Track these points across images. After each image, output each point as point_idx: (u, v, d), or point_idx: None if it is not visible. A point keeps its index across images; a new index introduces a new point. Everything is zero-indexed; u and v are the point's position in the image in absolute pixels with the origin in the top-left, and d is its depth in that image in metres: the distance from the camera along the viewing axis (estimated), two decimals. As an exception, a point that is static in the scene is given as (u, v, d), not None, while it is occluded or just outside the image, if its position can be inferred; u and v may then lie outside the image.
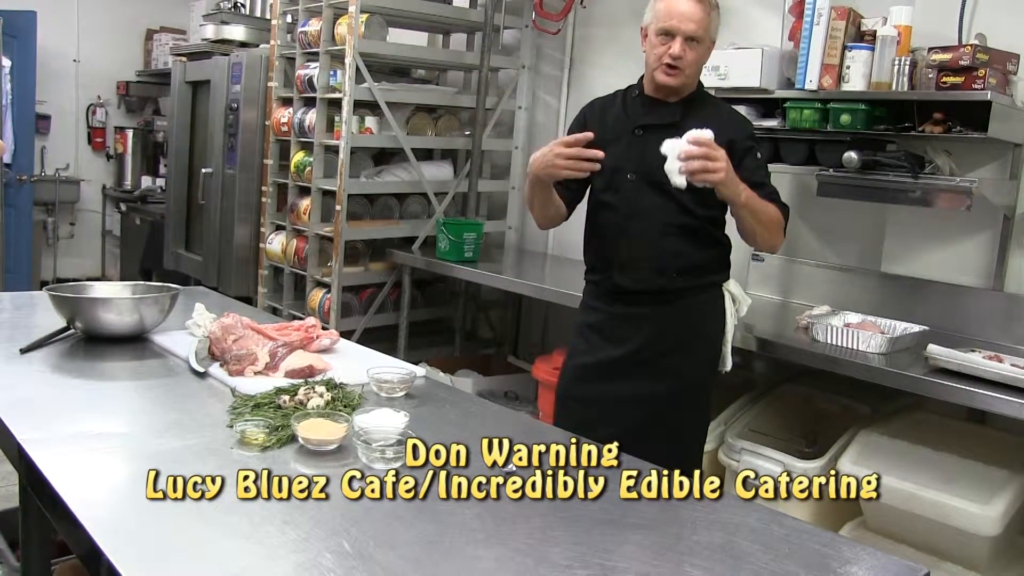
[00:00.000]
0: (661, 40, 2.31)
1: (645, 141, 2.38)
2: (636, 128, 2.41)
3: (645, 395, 2.41)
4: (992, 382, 2.27)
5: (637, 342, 2.42)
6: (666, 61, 2.30)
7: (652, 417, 2.40)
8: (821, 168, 2.96)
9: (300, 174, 4.26)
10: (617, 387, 2.43)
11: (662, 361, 2.41)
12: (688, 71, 2.33)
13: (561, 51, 4.44)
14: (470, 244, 3.98)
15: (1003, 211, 2.85)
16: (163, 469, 1.37)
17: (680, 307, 2.39)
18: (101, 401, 1.84)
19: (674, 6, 2.29)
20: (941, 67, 2.65)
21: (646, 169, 2.36)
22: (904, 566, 1.34)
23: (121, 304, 2.23)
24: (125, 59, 7.09)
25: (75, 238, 7.08)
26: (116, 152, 7.08)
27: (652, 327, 2.41)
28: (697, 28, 2.28)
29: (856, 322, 2.77)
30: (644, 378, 2.42)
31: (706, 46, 2.35)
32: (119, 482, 1.46)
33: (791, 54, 3.02)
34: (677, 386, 2.42)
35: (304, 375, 1.95)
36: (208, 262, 5.09)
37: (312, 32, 4.16)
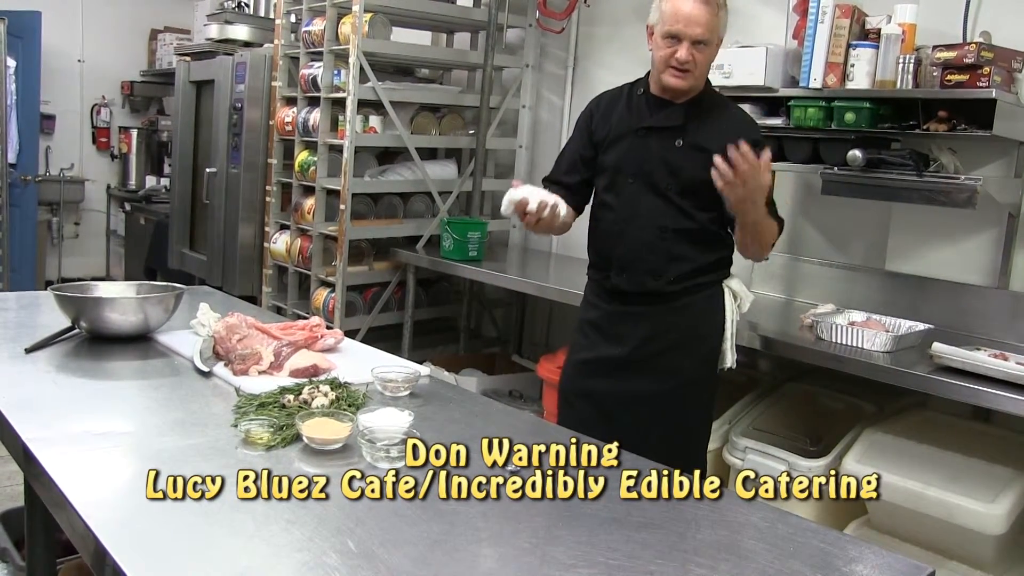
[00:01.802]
0: (668, 43, 2.27)
1: (646, 143, 2.37)
2: (639, 129, 2.39)
3: (645, 393, 2.41)
4: (997, 380, 2.26)
5: (635, 341, 2.42)
6: (673, 65, 2.27)
7: (653, 415, 2.40)
8: (825, 166, 2.95)
9: (304, 173, 4.27)
10: (618, 384, 2.44)
11: (661, 359, 2.41)
12: (697, 72, 2.30)
13: (565, 50, 4.44)
14: (474, 243, 3.98)
15: (1008, 209, 2.85)
16: (167, 469, 1.38)
17: (677, 307, 2.38)
18: (106, 401, 1.84)
19: (680, 8, 2.23)
20: (945, 65, 2.64)
21: (646, 172, 2.36)
22: (909, 564, 1.33)
23: (125, 304, 2.23)
24: (129, 59, 7.11)
25: (79, 238, 7.10)
26: (120, 152, 7.10)
27: (649, 326, 2.41)
28: (704, 31, 2.24)
29: (861, 320, 2.77)
30: (644, 376, 2.42)
31: (714, 48, 2.31)
32: (124, 481, 1.46)
33: (795, 52, 3.02)
34: (677, 384, 2.42)
35: (308, 374, 1.95)
36: (212, 262, 5.10)
37: (316, 31, 4.16)
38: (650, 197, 2.36)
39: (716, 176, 2.14)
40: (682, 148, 2.34)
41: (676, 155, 2.34)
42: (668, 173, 2.34)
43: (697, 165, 2.28)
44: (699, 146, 2.31)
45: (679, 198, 2.34)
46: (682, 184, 2.34)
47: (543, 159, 4.58)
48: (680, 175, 2.34)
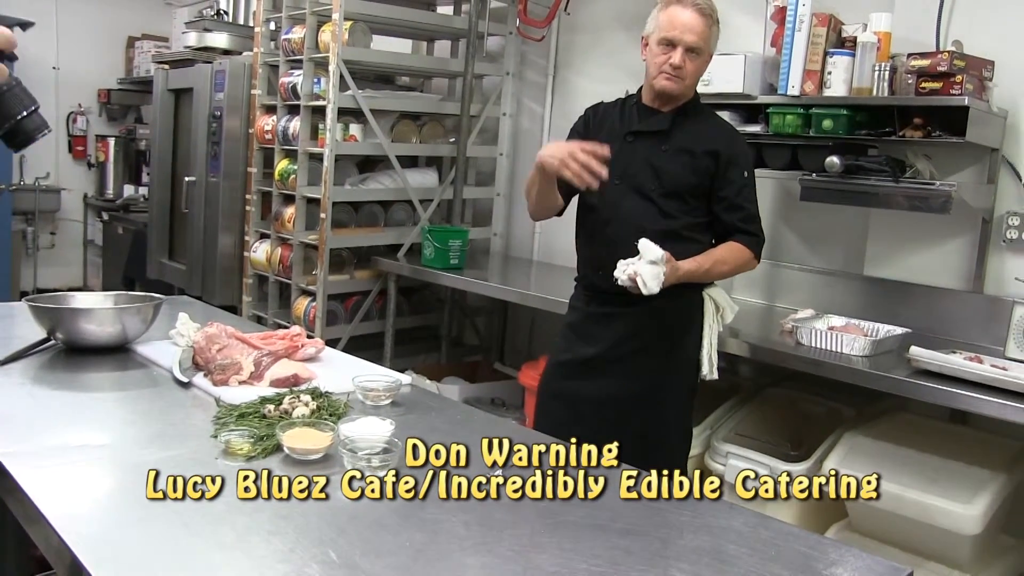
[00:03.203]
0: (662, 49, 2.36)
1: (634, 148, 2.44)
2: (627, 134, 2.45)
3: (618, 395, 2.44)
4: (973, 383, 2.29)
5: (607, 341, 2.45)
6: (666, 70, 2.35)
7: (626, 417, 2.42)
8: (804, 173, 2.98)
9: (284, 182, 4.25)
10: (592, 385, 2.46)
11: (631, 361, 2.44)
12: (688, 80, 2.39)
13: (545, 58, 4.45)
14: (455, 251, 3.98)
15: (981, 214, 2.88)
16: (147, 481, 1.36)
17: (652, 309, 2.39)
18: (83, 413, 1.82)
19: (677, 17, 2.34)
20: (920, 73, 2.67)
21: (631, 174, 2.42)
22: (888, 566, 1.34)
23: (103, 314, 2.21)
24: (106, 67, 7.05)
25: (56, 248, 7.03)
26: (98, 160, 7.04)
27: (623, 327, 2.44)
28: (698, 40, 2.34)
29: (840, 325, 2.79)
30: (617, 377, 2.44)
31: (705, 58, 2.41)
32: (101, 495, 1.45)
33: (773, 60, 3.04)
34: (650, 388, 2.45)
35: (289, 384, 1.94)
36: (192, 271, 5.07)
37: (296, 39, 4.15)
38: (634, 199, 2.41)
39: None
40: (667, 152, 2.42)
41: (661, 159, 2.41)
42: (653, 176, 2.41)
43: (681, 168, 2.40)
44: (684, 149, 2.41)
45: (662, 200, 2.40)
46: (666, 186, 2.40)
47: (524, 167, 4.58)
48: (664, 178, 2.40)
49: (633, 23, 4.00)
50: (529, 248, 4.55)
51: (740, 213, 2.43)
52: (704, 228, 2.46)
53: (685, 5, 2.34)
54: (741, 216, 2.44)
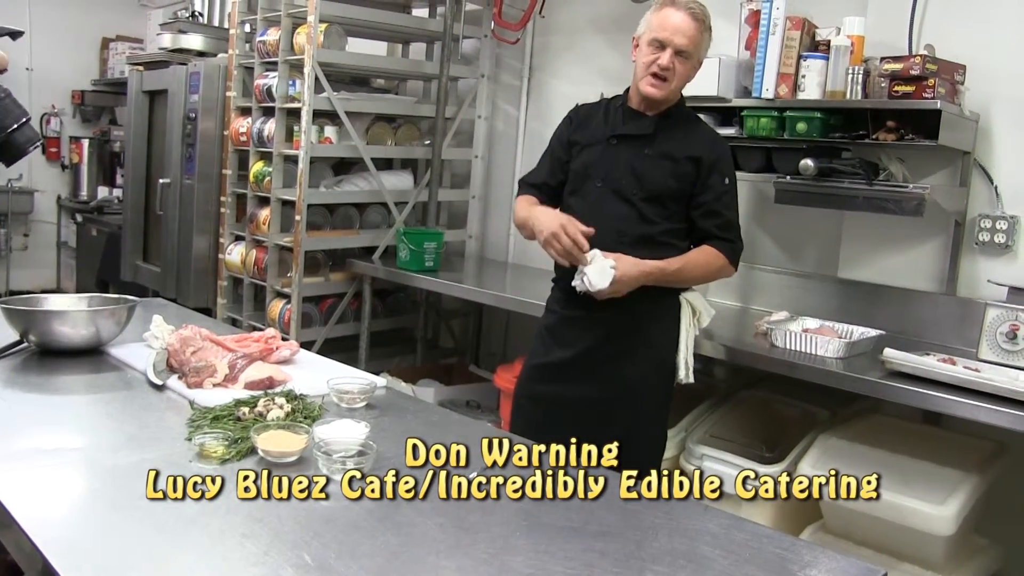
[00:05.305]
0: (652, 50, 2.35)
1: (617, 151, 2.43)
2: (611, 137, 2.45)
3: (594, 398, 2.44)
4: (946, 384, 2.31)
5: (583, 345, 2.45)
6: (653, 71, 2.35)
7: (601, 419, 2.41)
8: (778, 176, 3.00)
9: (259, 184, 4.23)
10: (567, 388, 2.46)
11: (607, 364, 2.44)
12: (674, 84, 2.38)
13: (520, 60, 4.46)
14: (430, 253, 3.97)
15: (954, 217, 2.92)
16: (120, 484, 1.35)
17: (629, 313, 2.41)
18: (56, 416, 1.80)
19: (669, 18, 2.33)
20: (893, 76, 2.70)
21: (613, 177, 2.42)
22: (863, 568, 1.36)
23: (76, 317, 2.19)
24: (80, 68, 6.99)
25: (29, 250, 6.95)
26: (71, 162, 6.98)
27: (599, 331, 2.44)
28: (688, 43, 2.33)
29: (814, 327, 2.81)
30: (590, 380, 2.45)
31: (693, 63, 2.40)
32: (74, 499, 1.43)
33: (748, 63, 3.06)
34: (625, 391, 2.45)
35: (264, 387, 1.93)
36: (166, 273, 5.02)
37: (271, 41, 4.13)
38: (615, 202, 2.41)
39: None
40: (650, 156, 2.41)
41: (644, 163, 2.41)
42: (634, 179, 2.41)
43: (663, 173, 2.39)
44: (666, 154, 2.40)
45: (643, 204, 2.40)
46: (647, 191, 2.40)
47: (499, 169, 4.59)
48: (645, 182, 2.40)
49: (608, 26, 4.03)
50: (504, 250, 4.55)
51: (717, 219, 2.43)
52: (683, 234, 2.46)
53: (679, 7, 2.33)
54: (718, 223, 2.44)
